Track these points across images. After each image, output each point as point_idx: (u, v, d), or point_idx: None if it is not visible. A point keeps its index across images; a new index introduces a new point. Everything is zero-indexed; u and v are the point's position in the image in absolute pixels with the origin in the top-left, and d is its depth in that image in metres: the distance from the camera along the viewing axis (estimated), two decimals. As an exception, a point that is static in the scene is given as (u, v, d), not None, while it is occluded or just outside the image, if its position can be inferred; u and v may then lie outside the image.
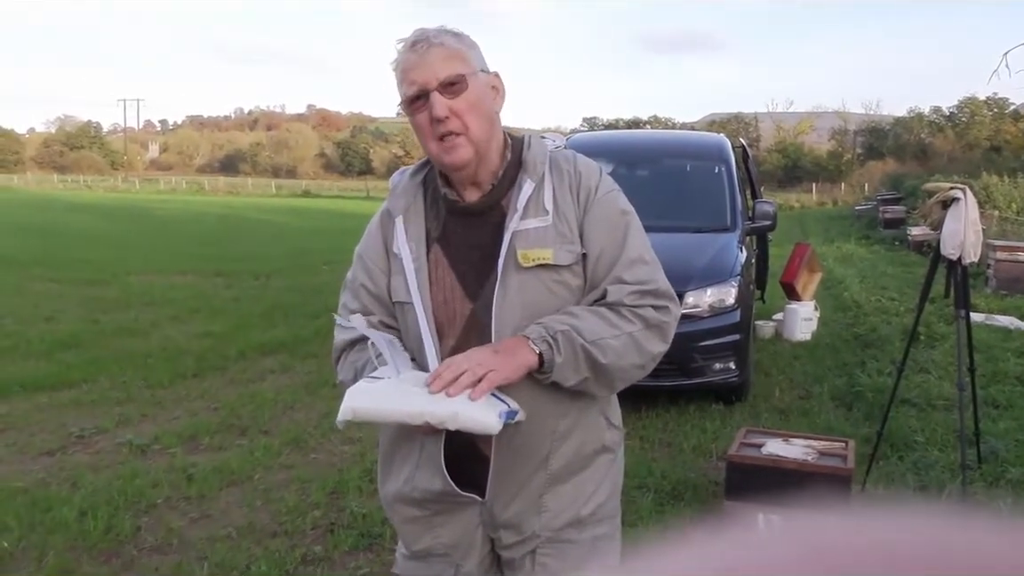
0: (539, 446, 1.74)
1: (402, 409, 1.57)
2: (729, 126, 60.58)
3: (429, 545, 1.84)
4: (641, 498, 4.22)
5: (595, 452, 1.81)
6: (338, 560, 3.63)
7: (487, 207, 1.75)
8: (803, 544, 0.28)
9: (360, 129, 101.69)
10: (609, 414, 1.84)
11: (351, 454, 4.94)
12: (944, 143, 54.84)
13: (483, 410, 1.56)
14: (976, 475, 4.40)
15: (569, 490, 1.78)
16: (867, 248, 18.21)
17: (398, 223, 1.79)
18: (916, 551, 0.27)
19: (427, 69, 1.64)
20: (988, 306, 9.83)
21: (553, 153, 1.80)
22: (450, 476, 1.71)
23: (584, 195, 1.74)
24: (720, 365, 5.82)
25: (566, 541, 1.79)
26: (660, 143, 8.51)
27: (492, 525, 1.80)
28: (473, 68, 1.68)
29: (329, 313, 7.48)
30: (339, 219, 28.51)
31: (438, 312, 1.74)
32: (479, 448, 1.73)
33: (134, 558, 3.63)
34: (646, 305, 1.69)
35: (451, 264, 1.75)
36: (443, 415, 1.54)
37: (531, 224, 1.71)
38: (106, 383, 6.42)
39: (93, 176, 76.34)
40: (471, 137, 1.67)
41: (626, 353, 1.67)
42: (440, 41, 1.66)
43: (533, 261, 1.69)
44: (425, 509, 1.81)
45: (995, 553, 0.27)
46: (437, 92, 1.64)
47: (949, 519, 0.29)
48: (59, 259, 14.27)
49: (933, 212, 4.33)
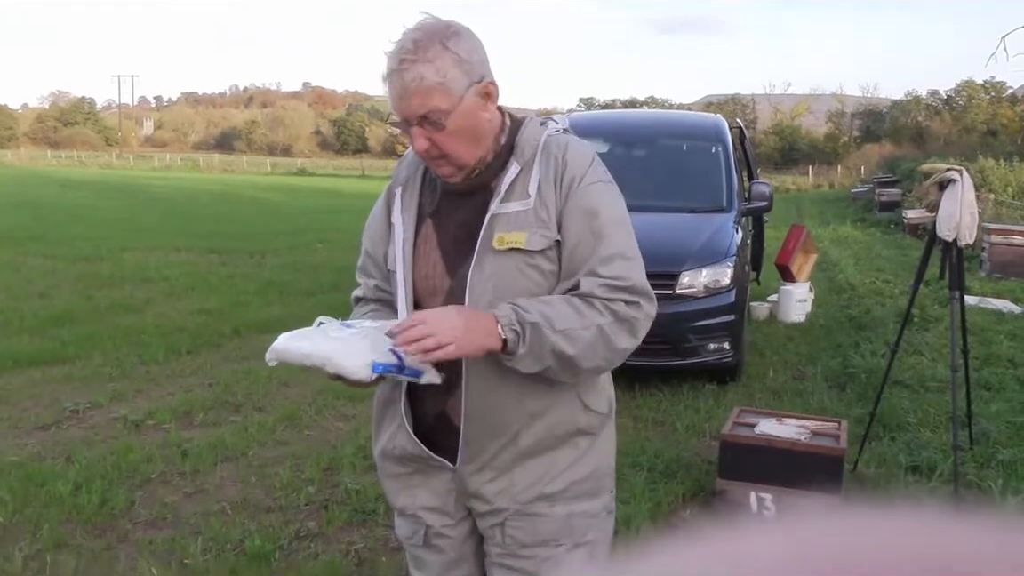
0: (509, 422, 1.75)
1: (297, 351, 1.65)
2: (726, 107, 60.41)
3: (405, 504, 1.90)
4: (634, 476, 4.23)
5: (568, 434, 1.80)
6: (332, 535, 3.64)
7: (475, 189, 1.76)
8: (798, 545, 0.28)
9: (356, 107, 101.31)
10: (587, 398, 1.81)
11: (345, 431, 4.95)
12: (941, 126, 54.81)
13: (357, 358, 1.61)
14: (968, 456, 4.43)
15: (539, 465, 1.78)
16: (862, 231, 18.23)
17: (397, 194, 1.84)
18: (910, 553, 0.27)
19: (406, 105, 1.63)
20: (982, 289, 9.86)
21: (549, 137, 1.78)
22: (427, 441, 1.79)
23: (567, 183, 1.73)
24: (714, 345, 5.83)
25: (535, 515, 1.79)
26: (657, 123, 8.48)
27: (464, 493, 1.84)
28: (456, 96, 1.63)
29: (325, 291, 7.45)
30: (334, 198, 28.46)
31: (420, 285, 1.78)
32: (450, 418, 1.78)
33: (128, 532, 3.64)
34: (618, 300, 1.68)
35: (438, 240, 1.79)
36: (321, 359, 1.62)
37: (512, 207, 1.72)
38: (100, 359, 6.42)
39: (87, 152, 76.05)
40: (452, 161, 1.70)
41: (594, 345, 1.66)
42: (419, 73, 1.60)
43: (507, 244, 1.71)
44: (405, 467, 1.87)
45: (987, 554, 0.27)
46: (417, 127, 1.64)
47: (942, 520, 0.29)
48: (53, 235, 14.22)
49: (929, 193, 4.33)
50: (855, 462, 4.36)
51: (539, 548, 1.80)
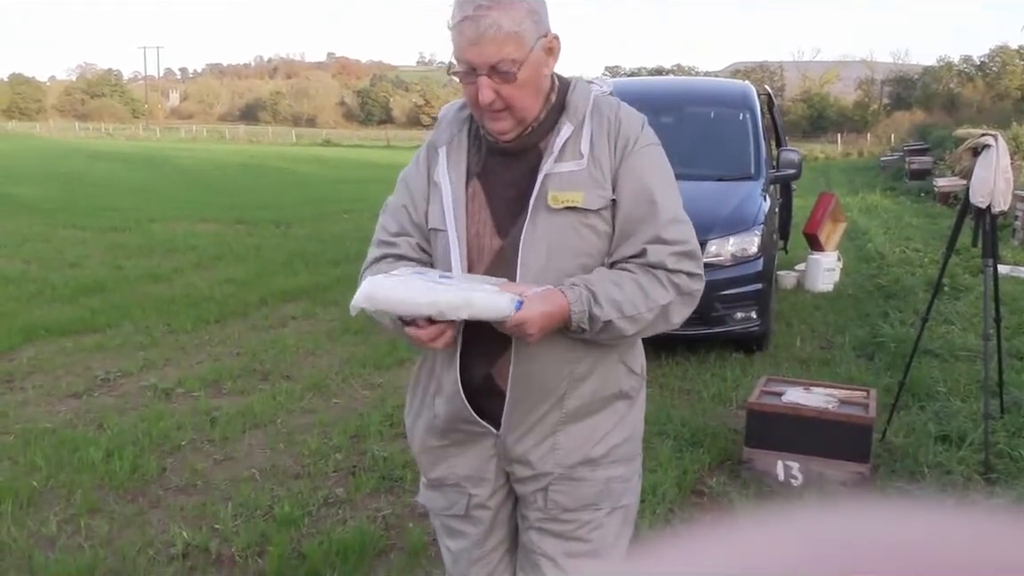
0: (555, 386, 1.76)
1: (417, 299, 1.58)
2: (754, 75, 59.68)
3: (444, 474, 1.89)
4: (660, 445, 4.23)
5: (613, 396, 1.82)
6: (359, 502, 3.67)
7: (525, 148, 1.75)
8: (810, 543, 0.28)
9: (380, 78, 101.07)
10: (629, 360, 1.84)
11: (372, 399, 4.98)
12: (973, 93, 53.85)
13: (496, 296, 1.58)
14: (998, 425, 4.38)
15: (582, 429, 1.80)
16: (892, 199, 17.98)
17: (441, 154, 1.81)
18: (921, 550, 0.27)
19: (478, 52, 1.60)
20: (1015, 258, 9.71)
21: (598, 98, 1.78)
22: (471, 407, 1.78)
23: (622, 144, 1.73)
24: (742, 314, 5.79)
25: (579, 479, 1.80)
26: (684, 90, 8.37)
27: (506, 458, 1.83)
28: (528, 47, 1.62)
29: (350, 261, 7.48)
30: (359, 169, 28.49)
31: (470, 244, 1.76)
32: (496, 383, 1.77)
33: (160, 497, 3.69)
34: (682, 272, 1.70)
35: (487, 200, 1.77)
36: (456, 302, 1.56)
37: (565, 167, 1.71)
38: (130, 328, 6.49)
39: (114, 124, 76.50)
40: (515, 114, 1.68)
41: (655, 323, 1.71)
42: (495, 21, 1.58)
43: (563, 203, 1.70)
44: (444, 439, 1.86)
45: (999, 551, 0.27)
46: (486, 77, 1.62)
47: (954, 516, 0.29)
48: (82, 206, 14.36)
49: (963, 159, 4.25)
50: (884, 431, 4.33)
51: (581, 512, 1.81)
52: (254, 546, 3.27)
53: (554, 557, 1.83)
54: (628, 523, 1.90)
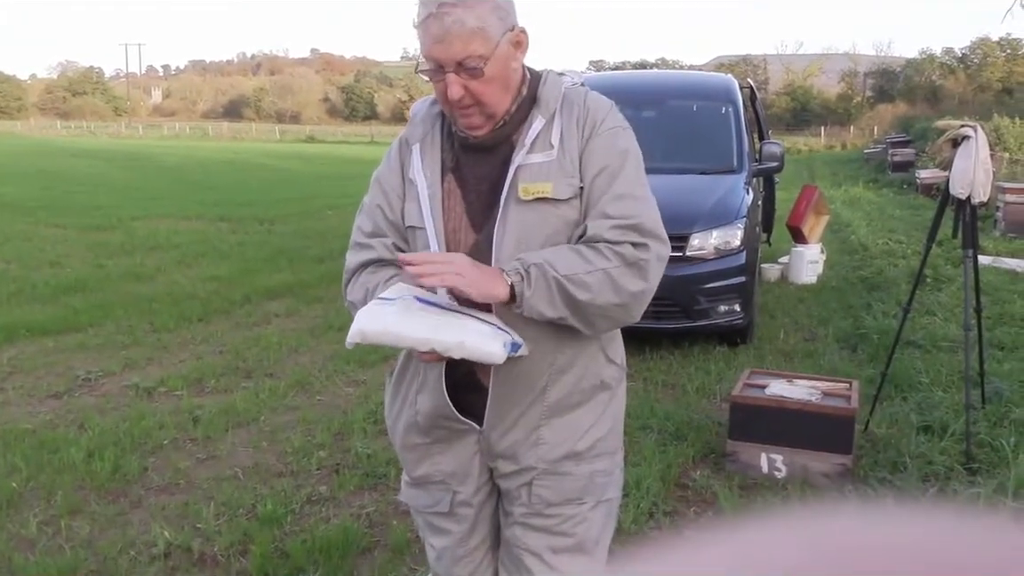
0: (537, 378, 1.76)
1: (410, 335, 1.58)
2: (737, 69, 59.77)
3: (428, 472, 1.89)
4: (644, 438, 4.23)
5: (593, 388, 1.82)
6: (343, 499, 3.66)
7: (497, 142, 1.75)
8: (808, 546, 0.28)
9: (364, 73, 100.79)
10: (609, 351, 1.84)
11: (356, 396, 4.97)
12: (955, 85, 54.12)
13: (489, 339, 1.58)
14: (980, 415, 4.41)
15: (566, 423, 1.80)
16: (875, 191, 18.08)
17: (415, 151, 1.81)
18: (919, 553, 0.27)
19: (444, 49, 1.60)
20: (996, 249, 9.77)
21: (568, 90, 1.79)
22: (452, 404, 1.78)
23: (589, 127, 1.73)
24: (725, 307, 5.80)
25: (563, 473, 1.81)
26: (667, 83, 8.38)
27: (490, 454, 1.83)
28: (494, 42, 1.63)
29: (334, 258, 7.46)
30: (343, 165, 28.40)
31: (448, 240, 1.76)
32: (478, 378, 1.77)
33: (141, 497, 3.67)
34: (625, 242, 1.66)
35: (462, 195, 1.77)
36: (450, 343, 1.56)
37: (535, 159, 1.72)
38: (112, 327, 6.44)
39: (96, 122, 75.96)
40: (485, 109, 1.68)
41: (601, 290, 1.64)
42: (459, 18, 1.58)
43: (533, 194, 1.70)
44: (426, 437, 1.86)
45: (998, 552, 0.27)
46: (453, 74, 1.62)
47: (953, 518, 0.29)
48: (64, 205, 14.26)
49: (943, 151, 4.27)
50: (866, 422, 4.35)
51: (565, 507, 1.81)
52: (237, 545, 3.25)
53: (538, 552, 1.82)
54: (612, 517, 1.90)
